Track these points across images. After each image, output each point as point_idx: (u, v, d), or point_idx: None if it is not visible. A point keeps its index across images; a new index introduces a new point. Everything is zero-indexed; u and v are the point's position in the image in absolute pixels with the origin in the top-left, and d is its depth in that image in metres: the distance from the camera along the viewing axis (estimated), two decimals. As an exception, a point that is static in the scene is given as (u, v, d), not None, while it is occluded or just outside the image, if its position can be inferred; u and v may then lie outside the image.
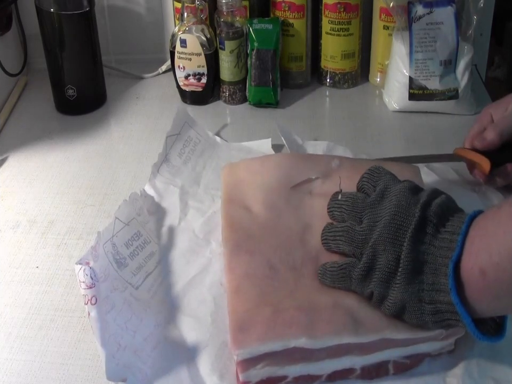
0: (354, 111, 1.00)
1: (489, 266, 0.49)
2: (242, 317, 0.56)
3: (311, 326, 0.54)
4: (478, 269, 0.50)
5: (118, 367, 0.56)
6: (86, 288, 0.57)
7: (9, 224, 0.78)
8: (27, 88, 1.08)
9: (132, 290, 0.63)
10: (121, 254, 0.64)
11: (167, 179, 0.80)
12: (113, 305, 0.59)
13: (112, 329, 0.58)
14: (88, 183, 0.85)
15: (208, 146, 0.87)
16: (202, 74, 0.99)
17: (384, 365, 0.57)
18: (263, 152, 0.86)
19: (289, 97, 1.03)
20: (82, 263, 0.58)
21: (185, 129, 0.86)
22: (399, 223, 0.55)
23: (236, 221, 0.66)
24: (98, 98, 1.02)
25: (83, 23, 0.95)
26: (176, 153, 0.83)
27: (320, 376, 0.56)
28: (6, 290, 0.68)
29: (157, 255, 0.69)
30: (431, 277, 0.53)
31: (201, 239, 0.72)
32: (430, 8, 0.93)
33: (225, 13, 0.96)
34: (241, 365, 0.54)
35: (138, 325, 0.60)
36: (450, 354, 0.58)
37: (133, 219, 0.68)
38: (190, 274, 0.67)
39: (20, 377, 0.59)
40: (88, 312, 0.57)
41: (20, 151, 0.91)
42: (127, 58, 1.13)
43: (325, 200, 0.66)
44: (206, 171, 0.83)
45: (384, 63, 1.02)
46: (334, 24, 1.00)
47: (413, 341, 0.56)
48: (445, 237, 0.53)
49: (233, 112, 1.00)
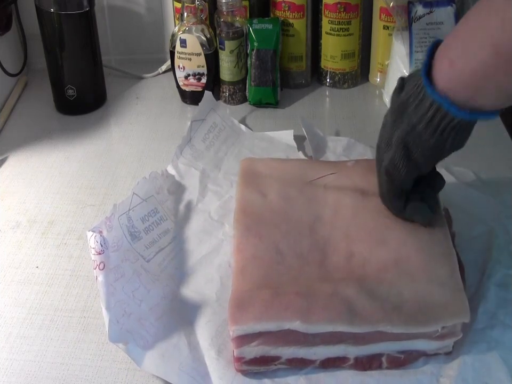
0: (354, 111, 1.00)
1: (456, 53, 0.53)
2: (243, 295, 0.58)
3: (307, 311, 0.56)
4: (447, 61, 0.53)
5: (121, 331, 0.58)
6: (95, 254, 0.60)
7: (9, 224, 0.78)
8: (27, 88, 1.08)
9: (143, 262, 0.65)
10: (136, 228, 0.67)
11: (189, 161, 0.83)
12: (122, 273, 0.62)
13: (120, 296, 0.60)
14: (88, 183, 0.85)
15: (232, 134, 0.90)
16: (202, 74, 0.99)
17: (378, 358, 0.58)
18: (285, 142, 0.88)
19: (289, 97, 1.03)
20: (95, 230, 0.61)
21: (211, 115, 0.88)
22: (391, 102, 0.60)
23: (249, 205, 0.68)
24: (98, 98, 1.02)
25: (83, 23, 0.95)
26: (201, 137, 0.86)
27: (313, 361, 0.58)
28: (6, 290, 0.68)
29: (171, 232, 0.71)
30: (412, 102, 0.56)
31: (216, 221, 0.74)
32: (430, 8, 0.93)
33: (225, 13, 0.96)
34: (236, 341, 0.56)
35: (145, 295, 0.63)
36: (445, 356, 0.58)
37: (151, 196, 0.71)
38: (201, 253, 0.70)
39: (20, 377, 0.59)
40: (96, 276, 0.59)
41: (19, 151, 0.92)
42: (127, 58, 1.13)
43: (338, 194, 0.68)
44: (228, 157, 0.85)
45: (384, 63, 1.02)
46: (334, 24, 1.00)
47: (407, 336, 0.56)
48: (413, 77, 0.57)
49: (233, 112, 1.00)
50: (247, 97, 1.01)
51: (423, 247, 0.62)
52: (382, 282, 0.58)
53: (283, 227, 0.65)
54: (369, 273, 0.60)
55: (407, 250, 0.62)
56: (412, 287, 0.58)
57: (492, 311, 0.62)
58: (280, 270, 0.61)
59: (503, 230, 0.71)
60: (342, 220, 0.66)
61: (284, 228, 0.65)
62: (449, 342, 0.58)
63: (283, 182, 0.71)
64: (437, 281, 0.58)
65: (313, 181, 0.71)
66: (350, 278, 0.59)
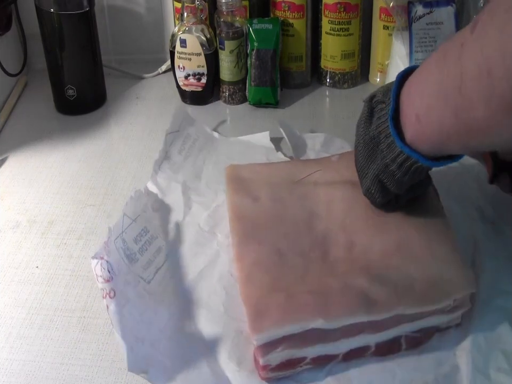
0: (354, 111, 1.00)
1: (421, 110, 0.53)
2: (257, 303, 0.57)
3: (326, 307, 0.56)
4: (414, 115, 0.54)
5: (137, 359, 0.56)
6: (103, 282, 0.57)
7: (9, 224, 0.78)
8: (27, 88, 1.08)
9: (144, 285, 0.63)
10: (131, 250, 0.65)
11: (168, 175, 0.81)
12: (128, 299, 0.60)
13: (129, 322, 0.58)
14: (88, 183, 0.85)
15: (207, 142, 0.88)
16: (202, 74, 0.99)
17: (397, 340, 0.58)
18: (262, 145, 0.87)
19: (289, 97, 1.03)
20: (97, 257, 0.58)
21: (184, 126, 0.87)
22: (358, 125, 0.63)
23: (242, 211, 0.68)
24: (98, 98, 1.02)
25: (83, 23, 0.95)
26: (176, 150, 0.85)
27: (336, 356, 0.58)
28: (6, 290, 0.68)
29: (164, 250, 0.70)
30: (384, 142, 0.57)
31: (207, 232, 0.73)
32: (430, 8, 0.93)
33: (225, 13, 0.96)
34: (261, 350, 0.55)
35: (153, 318, 0.61)
36: (458, 329, 0.60)
37: (139, 215, 0.69)
38: (199, 266, 0.68)
39: (20, 377, 0.59)
40: (107, 305, 0.57)
41: (20, 151, 0.92)
42: (127, 58, 1.13)
43: (329, 188, 0.69)
44: (207, 166, 0.84)
45: (384, 63, 1.02)
46: (334, 24, 1.00)
47: (422, 315, 0.58)
48: (383, 106, 0.57)
49: (233, 112, 1.00)
50: (247, 97, 1.01)
51: (421, 227, 0.63)
52: (388, 268, 0.59)
53: (280, 228, 0.65)
54: (374, 261, 0.61)
55: (406, 232, 0.63)
56: (418, 267, 0.59)
57: (491, 281, 0.64)
58: (285, 271, 0.60)
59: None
60: (337, 213, 0.66)
61: (281, 229, 0.65)
62: (459, 314, 0.60)
63: (272, 185, 0.71)
64: (440, 257, 0.60)
65: (301, 179, 0.71)
66: (355, 268, 0.60)
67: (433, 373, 0.57)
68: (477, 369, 0.56)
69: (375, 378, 0.57)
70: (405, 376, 0.57)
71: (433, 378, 0.56)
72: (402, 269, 0.59)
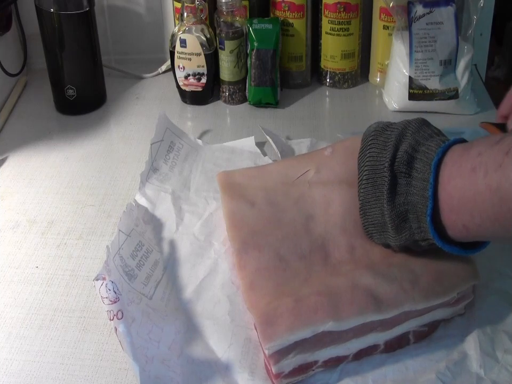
0: (354, 111, 1.00)
1: (472, 225, 0.52)
2: (266, 311, 0.56)
3: (336, 309, 0.55)
4: (461, 225, 0.53)
5: (150, 379, 0.55)
6: (110, 303, 0.56)
7: (9, 224, 0.78)
8: (27, 88, 1.08)
9: (147, 301, 0.62)
10: (129, 266, 0.63)
11: (156, 186, 0.80)
12: (133, 318, 0.58)
13: (137, 342, 0.57)
14: (88, 183, 0.85)
15: (191, 150, 0.87)
16: (202, 74, 0.99)
17: (405, 336, 0.59)
18: (248, 150, 0.87)
19: (289, 97, 1.03)
20: (100, 278, 0.57)
21: (168, 135, 0.85)
22: (374, 183, 0.59)
23: (239, 218, 0.67)
24: (98, 98, 1.02)
25: (83, 23, 0.95)
26: (162, 159, 0.83)
27: (347, 357, 0.58)
28: (6, 290, 0.68)
29: (161, 263, 0.68)
30: (416, 222, 0.56)
31: (203, 241, 0.71)
32: (430, 8, 0.93)
33: (225, 13, 0.96)
34: (274, 358, 0.55)
35: (160, 335, 0.59)
36: (462, 317, 0.62)
37: (132, 230, 0.68)
38: (199, 277, 0.67)
39: (20, 377, 0.59)
40: (115, 327, 0.56)
41: (20, 151, 0.92)
42: (127, 58, 1.13)
43: (324, 189, 0.68)
44: (194, 174, 0.83)
45: (384, 63, 1.02)
46: (334, 24, 1.00)
47: (428, 309, 0.58)
48: (417, 184, 0.55)
49: (233, 112, 1.00)
50: (247, 97, 1.01)
51: None
52: (390, 266, 0.60)
53: (279, 233, 0.64)
54: (376, 261, 0.61)
55: None
56: (420, 262, 0.60)
57: (488, 264, 0.65)
58: (288, 276, 0.60)
59: None
60: (335, 216, 0.65)
61: (279, 234, 0.64)
62: (462, 305, 0.61)
63: (266, 189, 0.69)
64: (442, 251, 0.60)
65: (295, 180, 0.70)
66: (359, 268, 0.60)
67: (444, 361, 0.58)
68: (486, 353, 0.58)
69: (389, 372, 0.57)
70: (417, 367, 0.58)
71: (444, 366, 0.57)
72: (404, 265, 0.59)
